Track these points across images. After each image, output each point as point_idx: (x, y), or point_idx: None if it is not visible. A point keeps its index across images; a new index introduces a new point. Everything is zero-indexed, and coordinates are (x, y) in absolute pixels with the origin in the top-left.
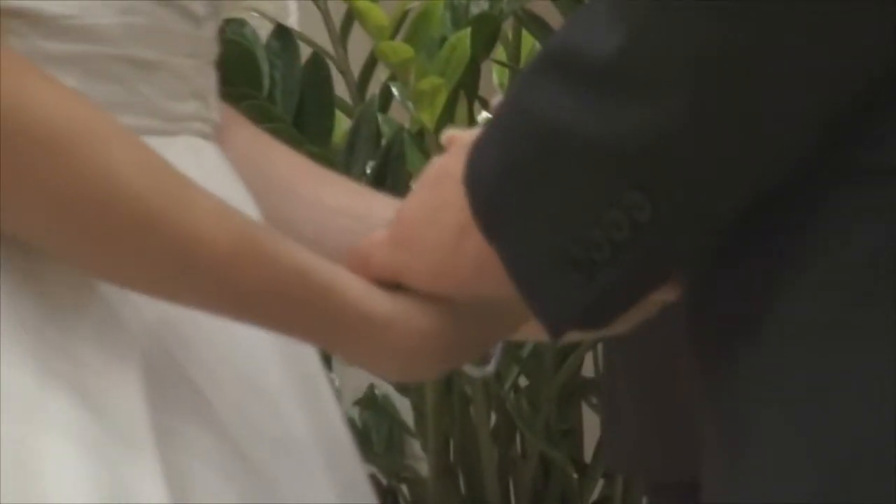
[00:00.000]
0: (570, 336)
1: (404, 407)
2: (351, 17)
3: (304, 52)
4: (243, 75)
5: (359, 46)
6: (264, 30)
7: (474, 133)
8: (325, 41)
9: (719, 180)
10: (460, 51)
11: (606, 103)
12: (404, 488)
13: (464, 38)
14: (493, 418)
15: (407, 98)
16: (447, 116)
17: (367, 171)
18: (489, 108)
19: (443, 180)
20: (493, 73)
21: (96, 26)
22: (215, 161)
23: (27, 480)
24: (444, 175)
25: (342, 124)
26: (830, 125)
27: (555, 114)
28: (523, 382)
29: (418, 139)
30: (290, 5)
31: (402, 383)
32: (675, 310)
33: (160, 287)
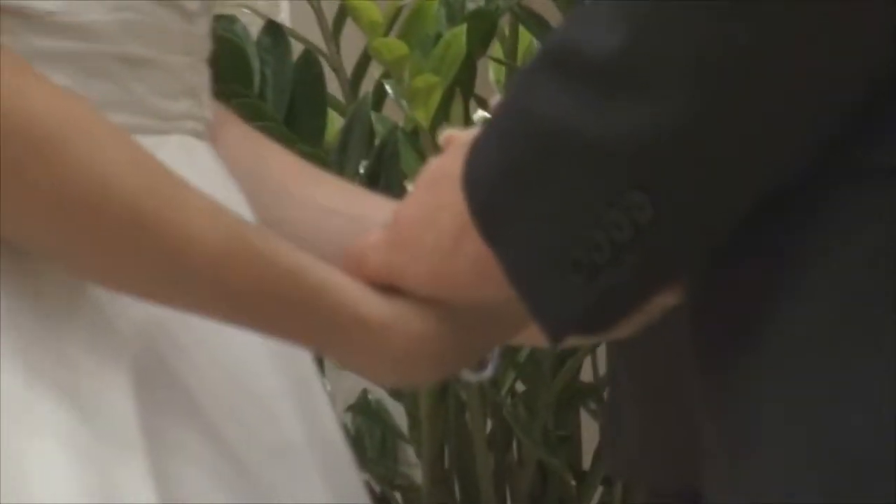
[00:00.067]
0: (571, 341)
1: (398, 412)
2: (344, 13)
3: (296, 49)
4: (233, 73)
5: (352, 43)
6: (255, 26)
7: (472, 133)
8: (317, 38)
9: (721, 181)
10: (456, 48)
11: (607, 102)
12: (398, 496)
13: (459, 34)
14: (490, 424)
15: (401, 96)
16: (442, 115)
17: (361, 170)
18: (485, 107)
19: (440, 181)
20: (489, 71)
21: (88, 23)
22: (208, 160)
23: (15, 482)
24: (442, 176)
25: (335, 123)
26: (831, 125)
27: (554, 113)
28: (520, 387)
29: (413, 138)
30: (281, 2)
31: (395, 388)
32: (677, 314)
33: (152, 288)
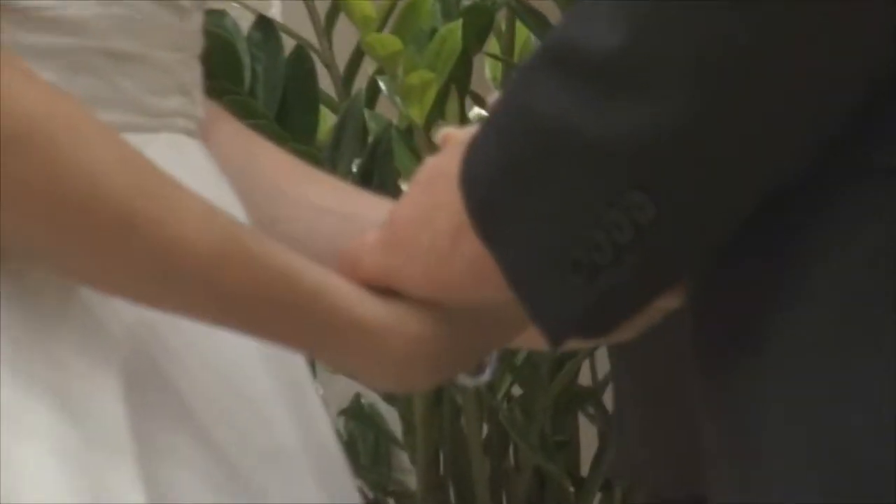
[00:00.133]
0: (570, 344)
1: (392, 417)
2: (336, 7)
3: (288, 45)
4: (223, 69)
5: (344, 39)
6: (245, 21)
7: (470, 131)
8: (309, 33)
9: (721, 181)
10: (451, 43)
11: (606, 102)
12: (392, 503)
13: (455, 29)
14: (486, 429)
15: (395, 93)
16: (437, 112)
17: (354, 169)
18: (482, 104)
19: (437, 180)
20: (485, 67)
21: (76, 17)
22: (200, 159)
23: (5, 486)
24: (439, 175)
25: (327, 120)
26: (831, 125)
27: (553, 111)
28: (517, 391)
29: (407, 136)
30: None
31: (390, 392)
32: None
33: (143, 290)
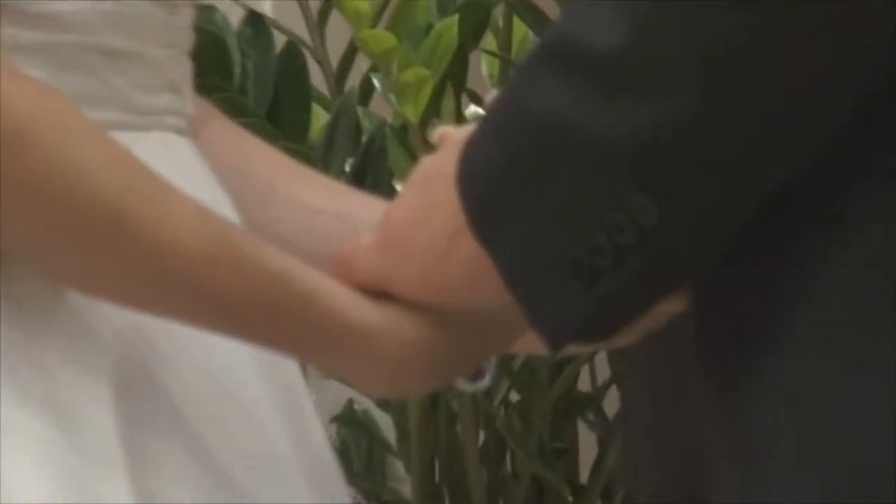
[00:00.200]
0: (570, 349)
1: (385, 423)
2: (329, 3)
3: (279, 41)
4: (212, 66)
5: (337, 35)
6: (235, 16)
7: (467, 130)
8: (301, 29)
9: (722, 182)
10: (447, 39)
11: (608, 99)
12: None
13: (451, 25)
14: (482, 436)
15: (389, 90)
16: (432, 110)
17: (347, 168)
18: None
19: (434, 180)
20: (482, 64)
21: (64, 13)
22: (190, 158)
23: None
24: (435, 174)
25: (319, 119)
26: (832, 125)
27: (553, 109)
28: (514, 397)
29: (401, 135)
30: None
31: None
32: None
33: (133, 294)
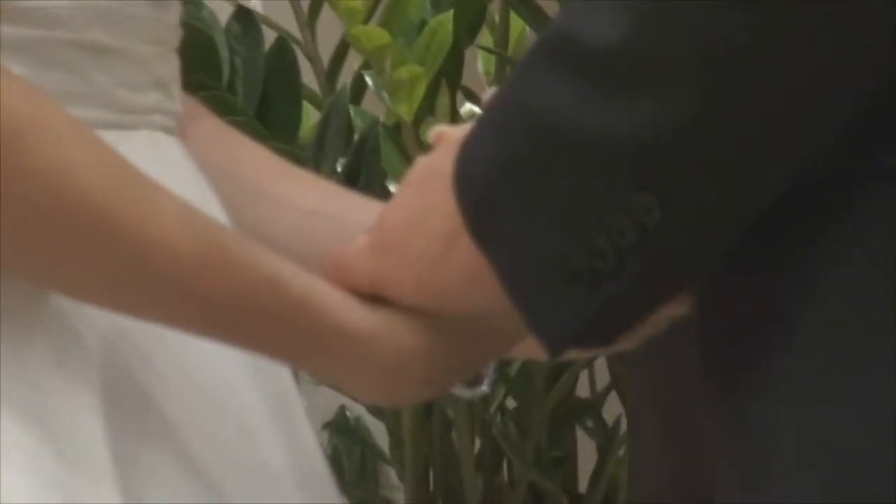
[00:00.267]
0: (569, 354)
1: (378, 431)
2: None
3: (268, 38)
4: (200, 63)
5: (329, 31)
6: (224, 12)
7: (465, 129)
8: (291, 25)
9: (723, 182)
10: (441, 36)
11: (608, 97)
12: None
13: (445, 21)
14: (478, 443)
15: (382, 88)
16: (427, 108)
17: (338, 168)
18: (473, 100)
19: (430, 180)
20: (477, 61)
21: (47, 8)
22: (178, 158)
23: None
24: (432, 174)
25: (310, 117)
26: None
27: (553, 108)
28: (511, 404)
29: (394, 134)
30: None
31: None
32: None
33: (118, 298)
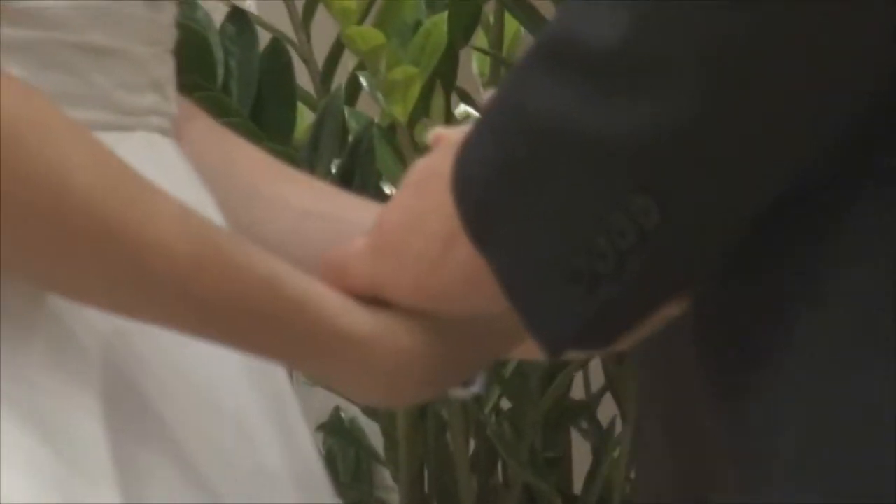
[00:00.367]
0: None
1: (373, 432)
2: None
3: (263, 39)
4: (195, 64)
5: (323, 32)
6: (218, 13)
7: (463, 130)
8: (286, 26)
9: (724, 183)
10: (436, 37)
11: (607, 98)
12: None
13: (440, 22)
14: (473, 444)
15: (377, 89)
16: (421, 110)
17: (333, 170)
18: (468, 101)
19: (428, 181)
20: (472, 62)
21: (44, 9)
22: (174, 159)
23: None
24: (431, 175)
25: (305, 118)
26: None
27: (551, 109)
28: (506, 405)
29: (389, 135)
30: None
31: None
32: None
33: (116, 298)
